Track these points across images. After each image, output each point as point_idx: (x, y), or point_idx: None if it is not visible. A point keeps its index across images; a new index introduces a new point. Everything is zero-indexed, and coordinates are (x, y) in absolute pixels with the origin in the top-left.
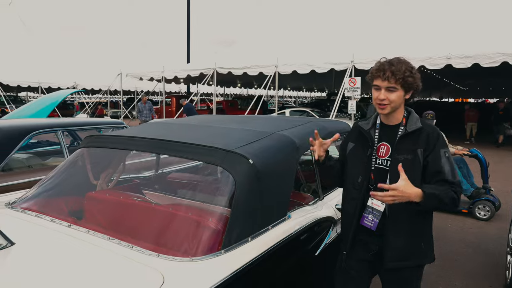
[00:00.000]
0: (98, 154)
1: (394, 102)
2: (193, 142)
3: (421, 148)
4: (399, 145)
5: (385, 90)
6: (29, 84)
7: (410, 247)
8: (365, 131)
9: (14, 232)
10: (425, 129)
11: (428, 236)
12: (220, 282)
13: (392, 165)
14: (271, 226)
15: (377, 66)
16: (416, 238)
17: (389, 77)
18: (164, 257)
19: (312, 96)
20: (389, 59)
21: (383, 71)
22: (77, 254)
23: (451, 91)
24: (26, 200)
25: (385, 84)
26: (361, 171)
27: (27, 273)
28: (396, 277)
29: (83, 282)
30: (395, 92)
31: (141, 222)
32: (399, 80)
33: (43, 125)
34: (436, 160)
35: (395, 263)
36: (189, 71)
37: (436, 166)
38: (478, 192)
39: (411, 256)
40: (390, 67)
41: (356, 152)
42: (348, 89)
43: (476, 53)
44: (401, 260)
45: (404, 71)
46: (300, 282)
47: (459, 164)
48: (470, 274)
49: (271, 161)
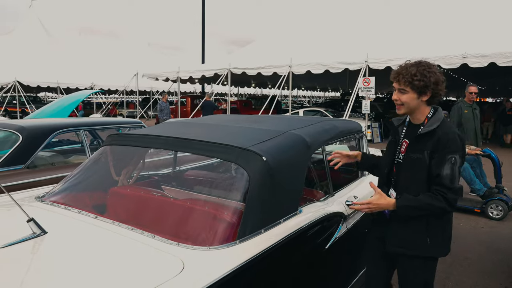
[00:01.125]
0: (120, 152)
1: (407, 103)
2: (210, 140)
3: (428, 150)
4: (414, 144)
5: (397, 91)
6: (48, 85)
7: (413, 238)
8: (393, 127)
9: (46, 222)
10: (438, 132)
11: (439, 231)
12: (235, 268)
13: (404, 162)
14: (283, 219)
15: (394, 70)
16: (421, 231)
17: (399, 79)
18: (184, 246)
19: (326, 96)
20: (410, 62)
21: (396, 74)
22: (104, 242)
23: None
24: (54, 194)
25: (397, 86)
26: (388, 163)
27: (60, 258)
28: (406, 264)
29: (111, 266)
30: (406, 94)
31: (160, 215)
32: (406, 82)
33: (66, 125)
34: (438, 164)
35: (395, 249)
36: (203, 72)
37: (436, 170)
38: (491, 191)
39: (414, 246)
40: (402, 70)
41: (389, 145)
42: (362, 89)
43: (492, 52)
44: (401, 247)
45: (414, 74)
46: (310, 273)
47: (472, 164)
48: (480, 272)
49: (284, 158)
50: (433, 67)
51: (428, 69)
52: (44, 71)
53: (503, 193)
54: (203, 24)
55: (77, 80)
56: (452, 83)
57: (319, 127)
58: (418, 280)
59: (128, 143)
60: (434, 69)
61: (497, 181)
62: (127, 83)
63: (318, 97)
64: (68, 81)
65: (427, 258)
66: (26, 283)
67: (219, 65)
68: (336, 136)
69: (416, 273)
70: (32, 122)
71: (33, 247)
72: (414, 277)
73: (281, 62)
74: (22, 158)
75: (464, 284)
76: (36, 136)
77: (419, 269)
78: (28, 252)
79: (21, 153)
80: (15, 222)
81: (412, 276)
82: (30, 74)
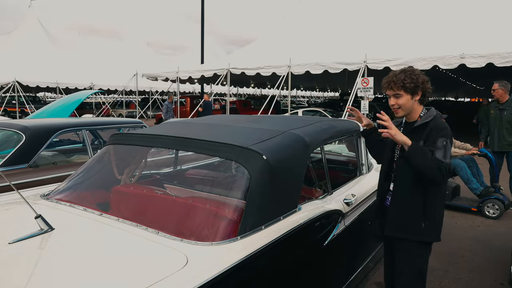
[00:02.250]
0: (123, 151)
1: (403, 105)
2: (212, 139)
3: (422, 140)
4: (409, 137)
5: (393, 97)
6: (47, 85)
7: (408, 222)
8: None
9: (52, 219)
10: (430, 124)
11: (433, 216)
12: (236, 263)
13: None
14: (282, 216)
15: (384, 80)
16: (416, 215)
17: (392, 86)
18: (187, 241)
19: (325, 96)
20: (393, 72)
21: (387, 83)
22: (110, 237)
23: (467, 91)
24: (59, 192)
25: (392, 92)
26: (388, 159)
27: (68, 253)
28: (400, 248)
29: (117, 260)
30: (401, 97)
31: (163, 213)
32: (399, 87)
33: (68, 125)
34: (431, 144)
35: (392, 232)
36: (203, 72)
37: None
38: (488, 190)
39: (409, 230)
40: (393, 78)
41: (389, 143)
42: (361, 89)
43: (490, 53)
44: (397, 230)
45: (404, 79)
46: (309, 269)
47: (469, 163)
48: (476, 269)
49: (283, 157)
50: (416, 70)
51: (413, 72)
52: (44, 71)
53: (500, 192)
54: (202, 24)
55: (76, 80)
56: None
57: (317, 126)
58: (413, 266)
59: (131, 142)
60: (418, 71)
61: (493, 180)
62: (126, 83)
63: (317, 97)
64: (67, 81)
65: (422, 243)
66: (36, 277)
67: (219, 65)
68: (335, 135)
69: (412, 258)
70: (35, 122)
71: (41, 243)
72: (409, 262)
73: (280, 62)
74: (25, 158)
75: (460, 281)
76: (39, 136)
77: (415, 254)
78: (36, 248)
79: (24, 152)
80: (22, 218)
81: (407, 260)
82: (29, 74)
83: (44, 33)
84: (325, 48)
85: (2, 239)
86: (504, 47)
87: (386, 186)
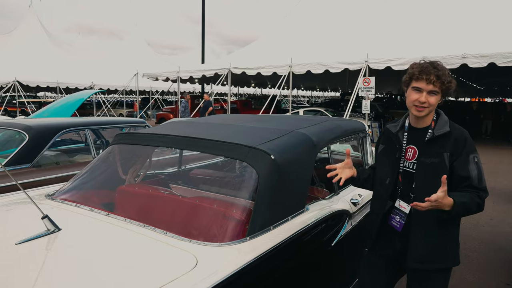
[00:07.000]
0: (128, 151)
1: (432, 106)
2: (218, 139)
3: (448, 152)
4: (426, 148)
5: (427, 93)
6: (47, 85)
7: (434, 250)
8: (392, 134)
9: (59, 219)
10: (453, 133)
11: (455, 238)
12: (246, 264)
13: (418, 168)
14: (290, 217)
15: (420, 68)
16: (441, 241)
17: (434, 81)
18: (196, 242)
19: (326, 96)
20: (431, 62)
21: (427, 74)
22: (117, 238)
23: (468, 91)
24: (64, 192)
25: (430, 87)
26: (390, 172)
27: (75, 254)
28: (421, 277)
29: (126, 261)
30: (435, 96)
31: (170, 213)
32: (441, 83)
33: (71, 124)
34: (464, 165)
35: (417, 265)
36: (204, 71)
37: (463, 172)
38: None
39: (435, 259)
40: (436, 71)
41: (386, 153)
42: (362, 88)
43: (492, 52)
44: (423, 262)
45: (448, 76)
46: (317, 269)
47: None
48: (482, 269)
49: (291, 157)
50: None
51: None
52: (44, 70)
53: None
54: (203, 24)
55: (76, 80)
56: None
57: (324, 126)
58: None
59: (136, 142)
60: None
61: None
62: (127, 83)
63: (317, 97)
64: (67, 80)
65: (446, 269)
66: (44, 278)
67: (220, 65)
68: (341, 135)
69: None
70: (38, 121)
71: (48, 243)
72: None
73: (281, 62)
74: (28, 157)
75: (466, 281)
76: (42, 136)
77: (439, 282)
78: (44, 248)
79: (27, 152)
80: (28, 218)
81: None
82: (29, 74)
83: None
84: (326, 47)
85: (9, 239)
86: (506, 46)
87: (387, 201)
